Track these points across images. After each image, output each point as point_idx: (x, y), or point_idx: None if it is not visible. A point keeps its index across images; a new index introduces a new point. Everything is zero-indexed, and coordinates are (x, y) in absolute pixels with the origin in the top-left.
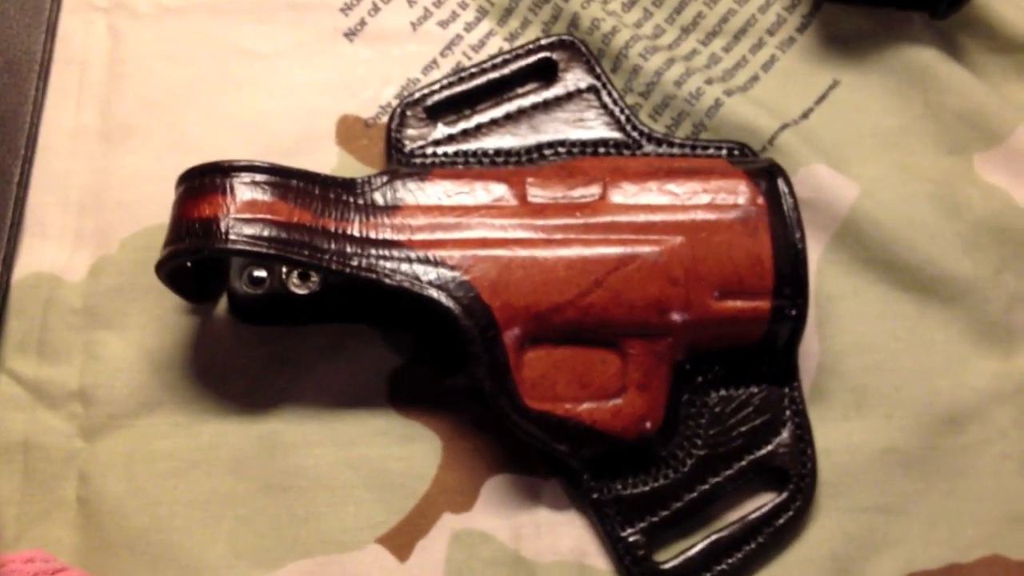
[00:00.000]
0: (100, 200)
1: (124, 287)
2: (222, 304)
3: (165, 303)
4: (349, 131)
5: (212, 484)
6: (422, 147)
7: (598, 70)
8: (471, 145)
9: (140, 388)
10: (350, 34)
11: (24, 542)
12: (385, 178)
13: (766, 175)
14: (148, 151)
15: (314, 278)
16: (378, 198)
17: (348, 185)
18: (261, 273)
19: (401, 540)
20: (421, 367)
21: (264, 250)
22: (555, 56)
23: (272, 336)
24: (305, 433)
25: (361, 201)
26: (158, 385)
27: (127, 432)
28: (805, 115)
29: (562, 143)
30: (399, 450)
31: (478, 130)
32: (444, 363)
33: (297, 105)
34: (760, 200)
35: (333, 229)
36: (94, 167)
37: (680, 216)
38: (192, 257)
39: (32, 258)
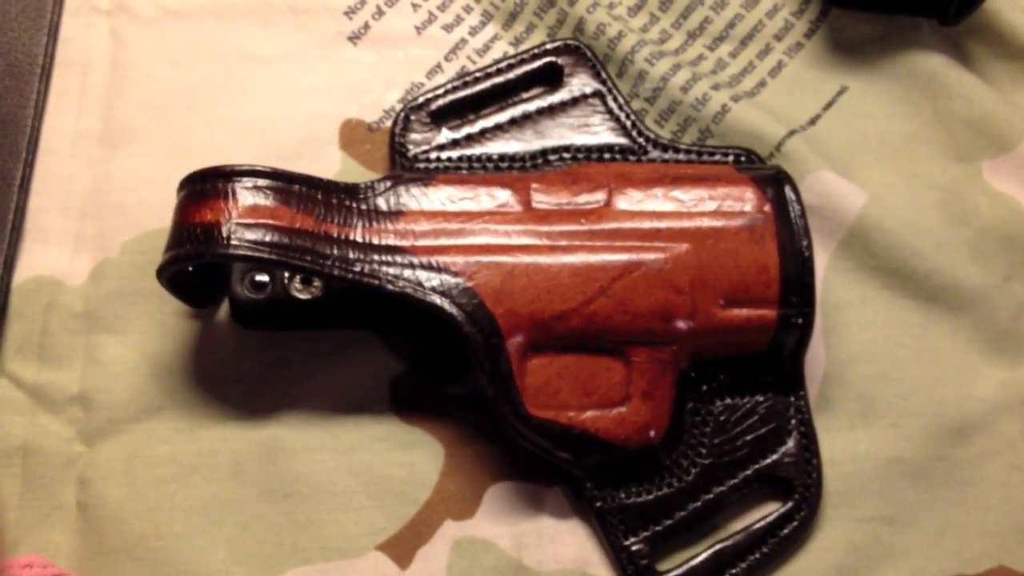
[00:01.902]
0: (101, 204)
1: (125, 291)
2: (223, 309)
3: (166, 307)
4: (352, 135)
5: (212, 490)
6: (426, 152)
7: (604, 75)
8: (475, 150)
9: (140, 393)
10: (354, 38)
11: (23, 547)
12: (388, 183)
13: (773, 182)
14: (149, 155)
15: (316, 283)
16: (381, 203)
17: (351, 190)
18: (263, 278)
19: (402, 547)
20: (423, 374)
21: (266, 255)
22: (560, 61)
23: (274, 341)
24: (306, 439)
25: (364, 206)
26: (159, 390)
27: (127, 437)
28: (812, 121)
29: (567, 148)
30: (400, 457)
31: (482, 135)
32: (446, 370)
33: (300, 109)
34: (767, 207)
35: (335, 234)
36: (95, 171)
37: (686, 223)
38: (193, 262)
39: (33, 262)
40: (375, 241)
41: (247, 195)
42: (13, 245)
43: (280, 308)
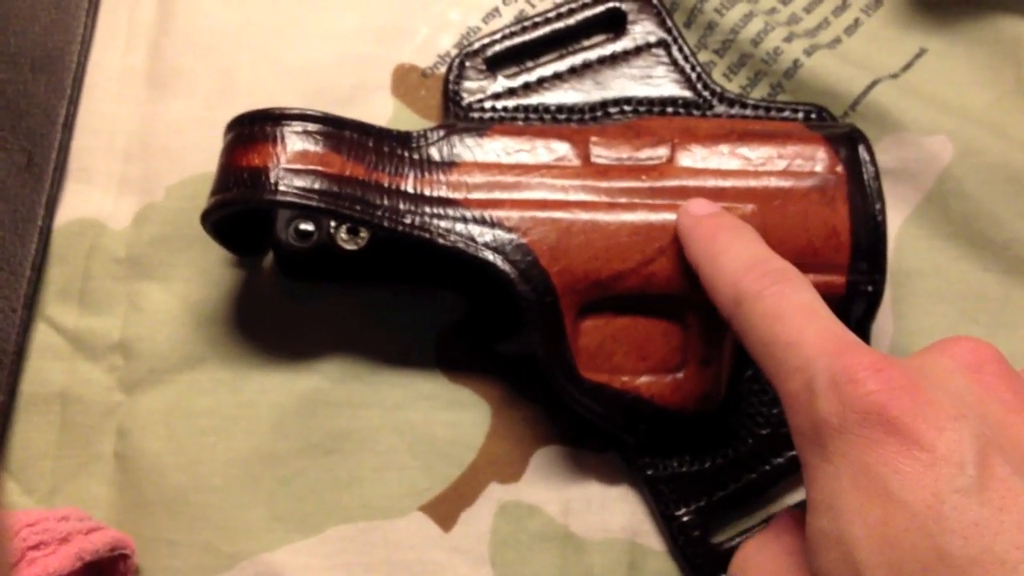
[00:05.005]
0: (146, 146)
1: (169, 237)
2: (268, 258)
3: (210, 255)
4: (405, 81)
5: (253, 443)
6: (481, 100)
7: (669, 23)
8: (532, 100)
9: (183, 342)
10: None
11: (60, 496)
12: (442, 132)
13: (846, 141)
14: (196, 96)
15: (363, 234)
16: (434, 153)
17: (403, 139)
18: (308, 227)
19: (445, 509)
20: (471, 331)
21: (314, 203)
22: (624, 7)
23: (318, 293)
24: (349, 394)
25: (416, 156)
26: (201, 339)
27: (168, 387)
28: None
29: (628, 100)
30: (446, 416)
31: (540, 84)
32: (495, 328)
33: (352, 52)
34: (839, 168)
35: (386, 184)
36: (141, 111)
37: (752, 182)
38: (239, 207)
39: (76, 204)
40: (427, 192)
41: (296, 140)
42: (56, 185)
43: (325, 259)
